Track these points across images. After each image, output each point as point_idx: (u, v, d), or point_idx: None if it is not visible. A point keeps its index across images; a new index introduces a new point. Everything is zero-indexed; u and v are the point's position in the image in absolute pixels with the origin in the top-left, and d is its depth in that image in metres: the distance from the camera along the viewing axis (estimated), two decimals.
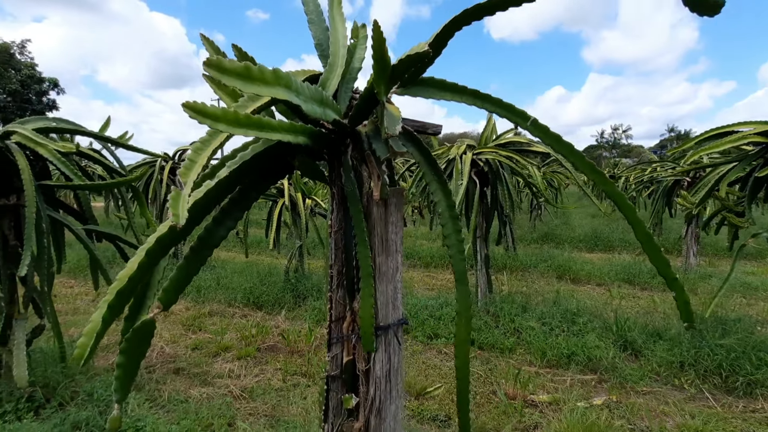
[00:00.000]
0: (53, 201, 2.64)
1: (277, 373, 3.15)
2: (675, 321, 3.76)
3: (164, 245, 0.83)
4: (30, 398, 2.42)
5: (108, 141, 2.79)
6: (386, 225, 1.21)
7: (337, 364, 1.27)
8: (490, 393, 2.92)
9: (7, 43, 30.56)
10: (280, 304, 4.58)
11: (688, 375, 3.06)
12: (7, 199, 2.43)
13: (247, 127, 0.79)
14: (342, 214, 1.22)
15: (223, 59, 0.66)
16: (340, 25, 1.23)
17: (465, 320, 1.12)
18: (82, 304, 4.77)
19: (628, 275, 5.76)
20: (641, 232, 1.14)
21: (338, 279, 1.24)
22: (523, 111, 1.15)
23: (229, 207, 0.99)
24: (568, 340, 3.46)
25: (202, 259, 0.94)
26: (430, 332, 3.79)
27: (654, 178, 6.41)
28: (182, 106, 0.69)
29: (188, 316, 4.28)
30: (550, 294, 4.64)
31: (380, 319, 1.22)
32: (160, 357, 3.37)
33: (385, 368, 1.24)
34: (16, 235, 2.46)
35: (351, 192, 1.13)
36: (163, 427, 2.20)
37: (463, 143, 3.60)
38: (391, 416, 1.27)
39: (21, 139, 2.35)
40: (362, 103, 1.04)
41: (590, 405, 2.79)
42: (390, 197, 1.21)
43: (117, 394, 0.85)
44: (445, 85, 1.13)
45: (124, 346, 0.85)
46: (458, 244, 1.11)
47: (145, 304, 0.91)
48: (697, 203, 3.39)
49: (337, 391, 1.28)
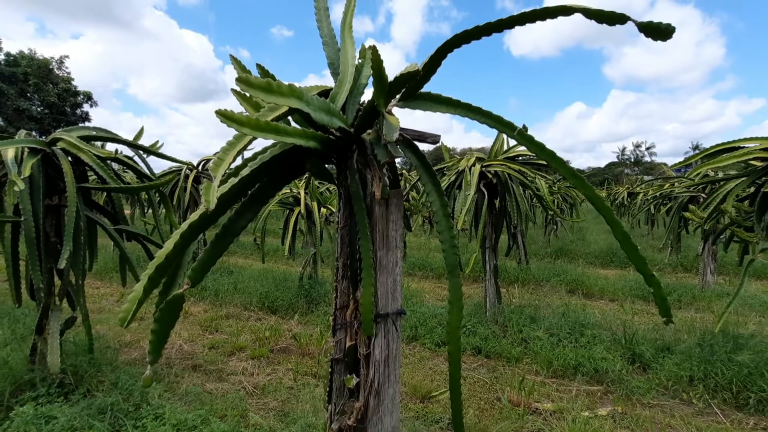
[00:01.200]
0: (89, 202, 2.87)
1: (289, 373, 3.28)
2: (686, 335, 3.74)
3: (195, 229, 0.99)
4: (61, 384, 2.61)
5: (141, 149, 3.02)
6: (387, 222, 1.34)
7: (341, 348, 1.40)
8: (495, 399, 2.97)
9: (47, 59, 32.41)
10: (293, 309, 4.73)
11: (696, 389, 3.05)
12: (51, 200, 2.66)
13: (267, 132, 0.95)
14: (348, 212, 1.36)
15: (251, 76, 0.82)
16: (350, 47, 1.40)
17: (456, 309, 1.23)
18: (107, 304, 5.02)
19: (642, 291, 5.70)
20: (619, 232, 1.25)
21: (343, 270, 1.38)
22: (510, 122, 1.28)
23: (249, 201, 1.15)
24: (575, 352, 3.48)
25: (225, 245, 1.10)
26: (438, 340, 3.86)
27: (669, 194, 6.37)
28: (215, 113, 0.85)
29: (206, 318, 4.47)
30: (561, 307, 4.65)
31: (380, 308, 1.34)
32: (179, 354, 3.54)
33: (383, 353, 1.36)
34: (56, 233, 2.68)
35: (356, 192, 1.28)
36: (181, 415, 2.34)
37: (473, 156, 3.72)
38: (389, 399, 1.38)
39: (66, 145, 2.59)
40: (365, 114, 1.19)
41: (595, 415, 2.82)
42: (391, 198, 1.35)
43: (150, 356, 1.00)
44: (440, 99, 1.28)
45: (158, 316, 1.00)
46: (450, 239, 1.23)
47: (176, 282, 1.07)
48: (706, 218, 3.41)
49: (340, 373, 1.41)
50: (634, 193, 11.89)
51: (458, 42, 1.09)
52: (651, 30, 0.91)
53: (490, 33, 1.07)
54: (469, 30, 1.05)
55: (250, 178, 1.08)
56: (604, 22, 0.98)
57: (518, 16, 1.03)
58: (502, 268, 6.21)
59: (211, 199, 0.83)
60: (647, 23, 0.95)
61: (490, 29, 1.05)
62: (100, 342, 3.39)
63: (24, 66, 30.75)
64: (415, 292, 5.50)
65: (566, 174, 1.24)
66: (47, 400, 2.44)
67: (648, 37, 0.91)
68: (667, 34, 0.90)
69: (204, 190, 0.85)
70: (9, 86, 29.70)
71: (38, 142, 2.54)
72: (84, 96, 34.09)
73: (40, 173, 2.52)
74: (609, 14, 0.96)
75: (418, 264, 7.32)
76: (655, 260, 7.89)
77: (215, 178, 0.89)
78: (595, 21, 0.99)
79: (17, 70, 30.33)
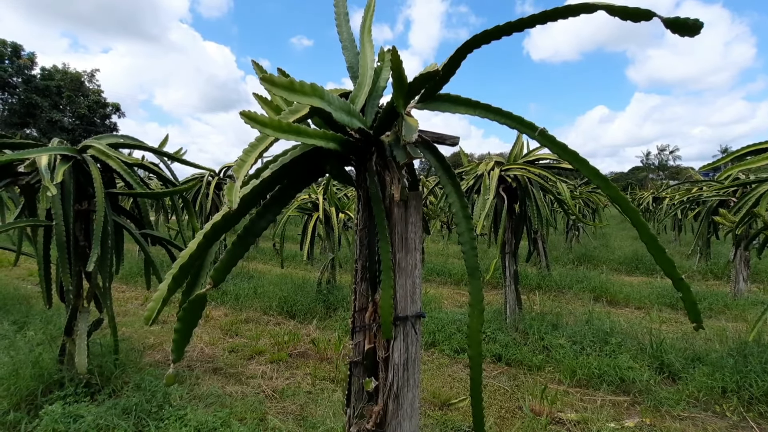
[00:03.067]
0: (117, 207, 2.96)
1: (307, 377, 3.29)
2: (717, 345, 3.59)
3: (218, 230, 1.01)
4: (88, 384, 2.68)
5: (165, 155, 3.11)
6: (406, 225, 1.34)
7: (360, 351, 1.40)
8: (516, 408, 2.90)
9: (79, 73, 33.88)
10: (312, 314, 4.75)
11: (730, 402, 2.91)
12: (81, 205, 2.76)
13: (288, 133, 0.96)
14: (367, 214, 1.36)
15: (274, 76, 0.83)
16: (369, 50, 1.41)
17: (477, 312, 1.22)
18: (132, 308, 5.15)
19: (670, 299, 5.50)
20: (645, 234, 1.21)
21: (362, 273, 1.38)
22: (531, 122, 1.27)
23: (270, 203, 1.16)
24: (599, 360, 3.38)
25: (247, 246, 1.11)
26: (457, 346, 3.81)
27: (697, 198, 6.16)
28: (240, 114, 0.87)
29: (226, 322, 4.53)
30: (584, 315, 4.53)
31: (399, 310, 1.33)
32: (200, 357, 3.60)
33: (403, 357, 1.35)
34: (85, 237, 2.78)
35: (374, 194, 1.28)
36: (202, 416, 2.38)
37: (492, 160, 3.69)
38: (408, 403, 1.37)
39: (95, 152, 2.69)
40: (384, 116, 1.19)
41: (621, 427, 2.72)
42: (410, 200, 1.35)
43: (173, 354, 1.02)
44: (460, 100, 1.27)
45: (181, 315, 1.02)
46: (470, 241, 1.22)
47: (199, 282, 1.09)
48: (737, 222, 3.28)
49: (359, 376, 1.40)
50: (660, 198, 11.55)
51: (478, 42, 1.09)
52: (678, 26, 0.88)
53: (511, 32, 1.06)
54: (490, 30, 1.05)
55: (271, 179, 1.10)
56: (629, 19, 0.96)
57: (539, 15, 1.02)
58: (522, 275, 6.10)
59: (234, 199, 0.85)
60: (674, 19, 0.92)
61: (510, 29, 1.04)
62: (125, 344, 3.47)
63: (58, 80, 32.22)
64: (434, 298, 5.45)
65: (589, 175, 1.21)
66: (75, 400, 2.51)
67: (675, 33, 0.89)
68: (695, 29, 0.87)
69: (227, 190, 0.86)
70: (43, 99, 31.15)
71: (70, 150, 2.64)
72: (112, 107, 35.43)
73: (71, 179, 2.62)
74: (634, 11, 0.94)
75: (436, 270, 7.27)
76: (683, 267, 7.61)
77: (237, 179, 0.91)
78: (620, 18, 0.97)
79: (51, 83, 31.79)
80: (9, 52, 30.63)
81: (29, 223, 2.58)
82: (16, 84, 31.20)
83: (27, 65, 31.44)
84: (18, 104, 31.08)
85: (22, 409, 2.47)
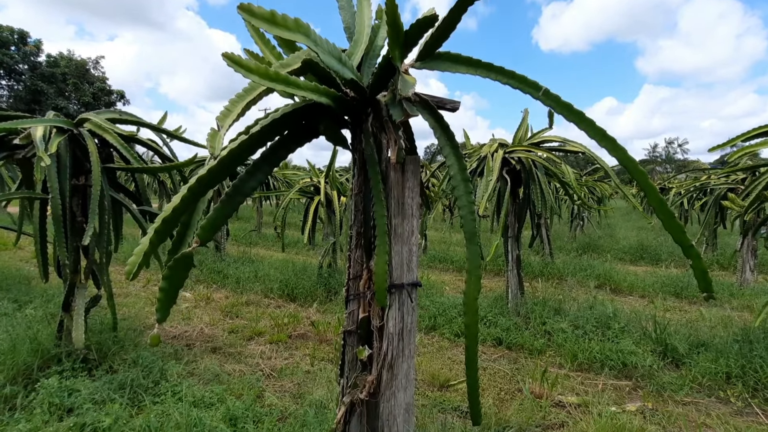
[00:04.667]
0: (115, 184, 2.93)
1: (306, 358, 3.27)
2: (722, 331, 3.53)
3: (203, 184, 0.96)
4: (85, 359, 2.68)
5: (164, 132, 3.07)
6: (403, 189, 1.29)
7: (353, 320, 1.36)
8: (516, 390, 2.87)
9: (84, 60, 33.78)
10: (312, 298, 4.74)
11: (734, 388, 2.87)
12: (78, 180, 2.73)
13: (276, 81, 0.91)
14: (362, 177, 1.31)
15: (254, 5, 0.78)
16: (366, 8, 1.35)
17: (475, 278, 1.17)
18: (133, 290, 5.16)
19: (675, 288, 5.44)
20: (654, 198, 1.16)
21: (357, 239, 1.33)
22: (535, 82, 1.20)
23: (260, 162, 1.12)
24: (602, 345, 3.34)
25: (235, 205, 1.07)
26: (457, 330, 3.78)
27: (704, 186, 6.05)
28: (222, 56, 0.82)
29: (227, 304, 4.53)
30: (586, 302, 4.48)
31: (394, 278, 1.29)
32: (200, 336, 3.59)
33: (398, 326, 1.31)
34: (82, 212, 2.75)
35: (370, 156, 1.23)
36: (198, 392, 2.36)
37: (495, 142, 3.61)
38: (403, 374, 1.33)
39: (92, 126, 2.65)
40: (380, 71, 1.14)
41: (623, 410, 2.69)
42: (407, 164, 1.30)
43: (158, 313, 0.98)
44: (460, 59, 1.21)
45: (167, 273, 0.98)
46: (469, 205, 1.16)
47: (185, 241, 1.05)
48: (746, 207, 3.20)
49: (352, 345, 1.37)
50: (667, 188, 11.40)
51: None
52: None
53: None
54: None
55: (260, 135, 1.05)
56: None
57: None
58: (525, 263, 6.05)
59: (216, 146, 0.80)
60: None
61: None
62: (125, 323, 3.47)
63: (63, 66, 32.15)
64: (435, 284, 5.42)
65: (596, 135, 1.16)
66: (72, 374, 2.50)
67: None
68: None
69: (209, 137, 0.82)
70: (49, 86, 31.14)
71: (65, 122, 2.60)
72: (117, 94, 35.38)
73: (67, 153, 2.59)
74: None
75: (438, 257, 7.23)
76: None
77: (222, 128, 0.86)
78: None
79: (57, 70, 31.74)
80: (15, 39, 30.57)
81: (25, 194, 2.55)
82: (22, 71, 31.20)
83: (33, 52, 31.40)
84: (24, 91, 31.10)
85: (18, 383, 2.47)
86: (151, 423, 1.99)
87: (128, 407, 2.23)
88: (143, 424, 1.99)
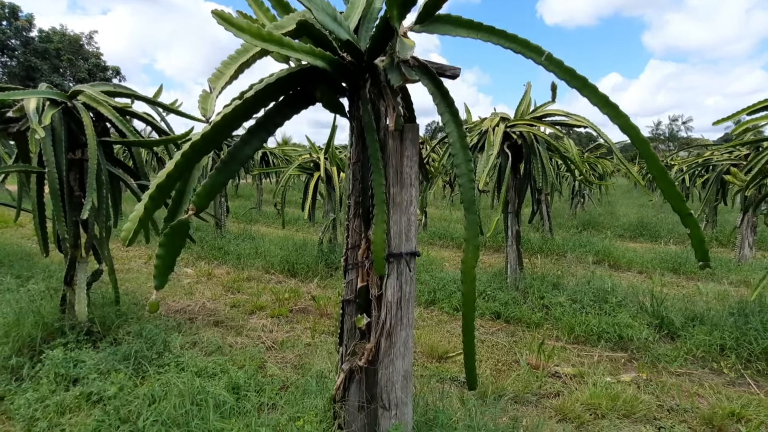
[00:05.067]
0: (113, 159, 2.91)
1: (307, 331, 3.32)
2: (718, 305, 3.57)
3: (197, 149, 0.94)
4: (89, 332, 2.72)
5: (160, 106, 3.02)
6: (401, 158, 1.27)
7: (352, 289, 1.37)
8: (513, 362, 2.93)
9: (77, 35, 33.00)
10: (313, 273, 4.77)
11: (728, 359, 2.92)
12: (74, 154, 2.70)
13: (270, 42, 0.88)
14: (360, 146, 1.29)
15: None
16: None
17: (473, 247, 1.17)
18: (135, 266, 5.19)
19: (673, 264, 5.47)
20: (656, 167, 1.14)
21: (355, 209, 1.33)
22: (538, 46, 1.17)
23: (256, 128, 1.09)
24: (599, 318, 3.38)
25: (230, 172, 1.05)
26: (456, 304, 3.82)
27: (708, 162, 6.00)
28: (212, 13, 0.79)
29: (228, 279, 4.57)
30: (584, 278, 4.52)
31: (393, 247, 1.29)
32: (202, 310, 3.64)
33: (396, 295, 1.32)
34: (80, 187, 2.74)
35: (368, 123, 1.20)
36: (201, 362, 2.41)
37: (497, 116, 3.56)
38: (402, 342, 1.35)
39: (86, 98, 2.60)
40: (378, 34, 1.10)
41: (617, 381, 2.74)
42: (405, 132, 1.27)
43: (156, 280, 0.98)
44: (461, 22, 1.16)
45: (163, 240, 0.98)
46: (468, 173, 1.15)
47: (181, 208, 1.04)
48: (748, 181, 3.18)
49: (351, 314, 1.38)
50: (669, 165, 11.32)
51: None
52: None
53: None
54: None
55: (255, 100, 1.02)
56: None
57: None
58: (524, 239, 6.07)
59: (208, 107, 0.78)
60: None
61: None
62: (128, 298, 3.50)
63: (56, 42, 31.42)
64: (435, 260, 5.45)
65: (599, 102, 1.13)
66: (76, 346, 2.54)
67: None
68: None
69: (201, 99, 0.80)
70: (42, 62, 30.51)
71: (59, 94, 2.56)
72: (113, 71, 34.70)
73: (62, 126, 2.55)
74: None
75: (438, 234, 7.25)
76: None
77: (214, 90, 0.84)
78: None
79: (50, 46, 31.03)
80: (6, 14, 29.77)
81: (21, 168, 2.53)
82: (14, 46, 30.51)
83: (25, 27, 30.63)
84: (17, 67, 30.50)
85: (24, 355, 2.51)
86: (156, 392, 2.03)
87: (133, 377, 2.28)
88: (148, 392, 2.03)
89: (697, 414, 2.33)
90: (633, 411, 2.33)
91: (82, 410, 2.07)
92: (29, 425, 2.02)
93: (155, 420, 1.75)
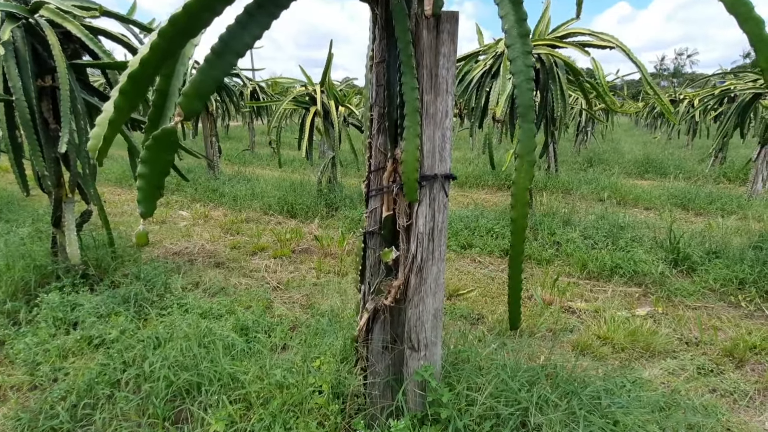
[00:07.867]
0: (88, 86, 2.59)
1: (312, 271, 3.21)
2: (735, 240, 3.48)
3: (179, 29, 0.70)
4: (85, 275, 2.58)
5: (134, 24, 2.64)
6: (436, 56, 1.03)
7: (376, 219, 1.18)
8: (526, 298, 2.86)
9: None
10: (313, 214, 4.61)
11: (747, 293, 2.86)
12: (43, 81, 2.39)
13: None
14: (385, 42, 1.04)
15: None
16: None
17: (527, 164, 0.97)
18: (128, 209, 4.99)
19: (682, 200, 5.35)
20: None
21: (379, 122, 1.10)
22: None
23: (254, 8, 0.84)
24: (612, 254, 3.29)
25: (225, 65, 0.81)
26: (464, 242, 3.71)
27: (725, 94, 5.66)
28: None
29: (226, 221, 4.40)
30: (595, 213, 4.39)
31: (426, 168, 1.09)
32: (202, 252, 3.50)
33: (428, 225, 1.13)
34: (55, 118, 2.46)
35: (398, 8, 0.94)
36: (205, 304, 2.30)
37: None
38: (433, 278, 1.19)
39: (49, 13, 2.24)
40: None
41: (632, 315, 2.69)
42: (442, 22, 1.02)
43: (141, 206, 0.78)
44: None
45: (145, 155, 0.76)
46: (526, 70, 0.92)
47: (166, 114, 0.82)
48: None
49: (375, 248, 1.21)
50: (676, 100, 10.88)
51: None
52: None
53: None
54: None
55: None
56: None
57: None
58: None
59: None
60: None
61: None
62: (122, 241, 3.34)
63: None
64: None
65: None
66: (73, 290, 2.42)
67: None
68: None
69: None
70: None
71: (17, 7, 2.20)
72: None
73: (25, 46, 2.22)
74: None
75: None
76: (695, 171, 7.36)
77: None
78: None
79: None
80: None
81: None
82: None
83: None
84: None
85: (19, 299, 2.39)
86: (160, 334, 1.92)
87: (134, 320, 2.17)
88: (151, 335, 1.92)
89: (717, 347, 2.29)
90: (652, 344, 2.28)
91: (85, 354, 1.98)
92: (32, 369, 1.93)
93: (162, 364, 1.65)
